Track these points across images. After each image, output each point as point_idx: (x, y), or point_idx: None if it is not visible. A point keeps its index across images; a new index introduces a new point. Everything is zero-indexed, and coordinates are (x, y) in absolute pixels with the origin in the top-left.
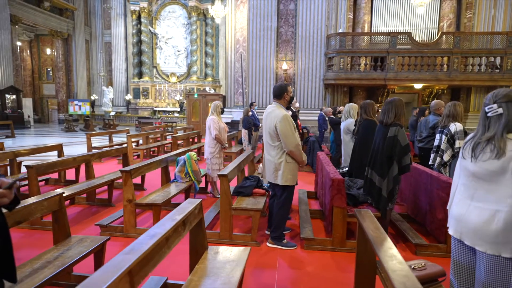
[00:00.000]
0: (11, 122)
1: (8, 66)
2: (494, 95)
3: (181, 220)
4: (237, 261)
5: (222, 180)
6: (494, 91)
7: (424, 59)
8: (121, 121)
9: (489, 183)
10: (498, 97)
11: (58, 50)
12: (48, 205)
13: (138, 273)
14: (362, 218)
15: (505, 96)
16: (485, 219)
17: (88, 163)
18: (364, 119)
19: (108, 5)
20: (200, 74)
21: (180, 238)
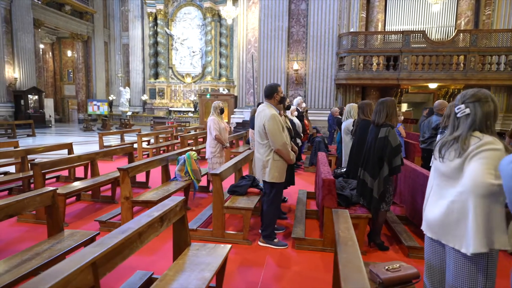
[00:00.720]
0: (32, 121)
1: (31, 68)
2: (462, 95)
3: (158, 216)
4: (215, 257)
5: (215, 179)
6: (463, 91)
7: (439, 58)
8: (137, 121)
9: (454, 180)
10: (466, 97)
11: (78, 52)
12: (41, 200)
13: (104, 265)
14: (336, 217)
15: (473, 96)
16: (444, 211)
17: (93, 161)
18: (362, 120)
19: (126, 8)
20: (215, 74)
21: (157, 234)
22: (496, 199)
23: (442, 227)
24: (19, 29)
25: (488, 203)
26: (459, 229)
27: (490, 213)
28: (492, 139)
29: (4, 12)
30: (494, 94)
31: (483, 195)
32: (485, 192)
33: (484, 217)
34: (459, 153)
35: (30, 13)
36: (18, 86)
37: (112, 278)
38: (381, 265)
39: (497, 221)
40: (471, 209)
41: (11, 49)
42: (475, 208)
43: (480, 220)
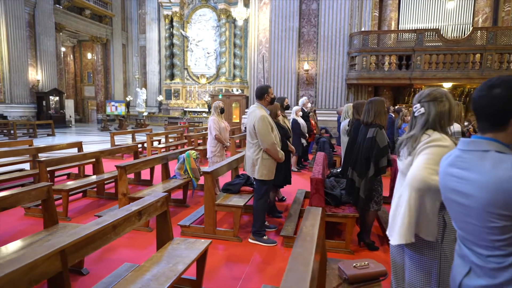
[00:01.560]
0: (51, 121)
1: (52, 70)
2: (419, 94)
3: (136, 211)
4: (192, 251)
5: (206, 177)
6: (421, 90)
7: (454, 56)
8: (152, 121)
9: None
10: (422, 96)
11: (97, 54)
12: (35, 195)
13: (74, 253)
14: (306, 214)
15: (428, 95)
16: (394, 207)
17: (98, 159)
18: (356, 120)
19: (143, 11)
20: (229, 75)
21: (133, 227)
22: (432, 194)
23: (391, 222)
24: (42, 33)
25: (422, 197)
26: (397, 222)
27: (422, 207)
28: (440, 136)
29: (28, 17)
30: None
31: (419, 189)
32: (420, 186)
33: (416, 210)
34: (410, 151)
35: (52, 18)
36: (41, 88)
37: (102, 269)
38: (351, 262)
39: (429, 216)
40: (405, 201)
41: (34, 52)
42: (408, 200)
43: (411, 212)
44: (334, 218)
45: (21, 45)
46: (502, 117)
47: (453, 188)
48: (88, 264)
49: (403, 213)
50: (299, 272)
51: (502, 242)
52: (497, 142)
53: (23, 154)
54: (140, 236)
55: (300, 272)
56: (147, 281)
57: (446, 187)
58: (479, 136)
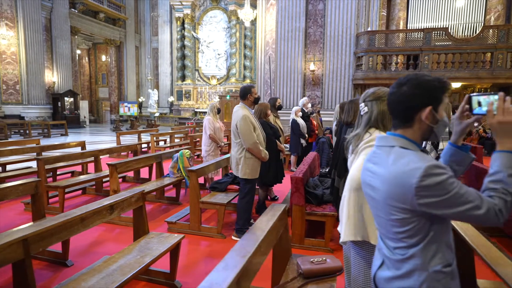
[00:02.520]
0: (64, 122)
1: (67, 72)
2: (364, 94)
3: (108, 205)
4: (163, 245)
5: (191, 175)
6: (367, 90)
7: (463, 56)
8: (163, 122)
9: None
10: (367, 96)
11: (111, 56)
12: (23, 189)
13: (37, 242)
14: (268, 210)
15: (371, 94)
16: (340, 204)
17: (96, 157)
18: (342, 120)
19: (156, 13)
20: (239, 76)
21: (104, 220)
22: None
23: (340, 221)
24: (58, 37)
25: (361, 197)
26: (341, 220)
27: (362, 207)
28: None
29: (45, 21)
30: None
31: (356, 189)
32: (357, 186)
33: (356, 210)
34: (353, 149)
35: (67, 22)
36: (56, 89)
37: (85, 261)
38: (310, 258)
39: (370, 216)
40: (346, 201)
41: (51, 55)
42: (348, 200)
43: (351, 212)
44: (314, 217)
45: (38, 48)
46: (408, 114)
47: (367, 182)
48: (74, 257)
49: (345, 212)
50: (232, 263)
51: (403, 234)
52: (403, 138)
53: (28, 152)
54: (129, 231)
55: (233, 263)
56: (112, 271)
57: (363, 182)
58: (390, 132)
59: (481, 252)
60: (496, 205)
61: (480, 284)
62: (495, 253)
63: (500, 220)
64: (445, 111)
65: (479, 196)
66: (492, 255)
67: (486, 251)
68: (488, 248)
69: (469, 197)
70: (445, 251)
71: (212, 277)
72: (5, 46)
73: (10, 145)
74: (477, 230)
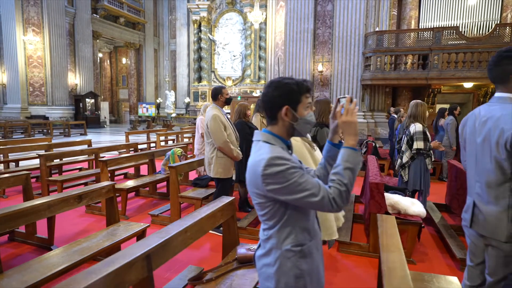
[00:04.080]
0: (84, 122)
1: (89, 74)
2: None
3: (76, 194)
4: (126, 232)
5: (171, 172)
6: None
7: (475, 55)
8: (180, 122)
9: None
10: None
11: (131, 59)
12: (14, 181)
13: (5, 223)
14: (210, 203)
15: None
16: None
17: (96, 154)
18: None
19: (174, 17)
20: (254, 77)
21: (71, 208)
22: None
23: None
24: (80, 41)
25: None
26: None
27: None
28: (292, 139)
29: (68, 27)
30: None
31: None
32: None
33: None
34: None
35: (89, 26)
36: (78, 91)
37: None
38: (250, 245)
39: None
40: None
41: (73, 58)
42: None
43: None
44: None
45: (62, 52)
46: (273, 113)
47: None
48: (61, 243)
49: None
50: (148, 242)
51: (264, 217)
52: (269, 133)
53: (38, 149)
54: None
55: (149, 242)
56: (73, 252)
57: None
58: (264, 129)
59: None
60: (331, 194)
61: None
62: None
63: (334, 207)
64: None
65: (319, 185)
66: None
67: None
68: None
69: (307, 185)
70: (298, 233)
71: (128, 250)
72: (32, 50)
73: (22, 143)
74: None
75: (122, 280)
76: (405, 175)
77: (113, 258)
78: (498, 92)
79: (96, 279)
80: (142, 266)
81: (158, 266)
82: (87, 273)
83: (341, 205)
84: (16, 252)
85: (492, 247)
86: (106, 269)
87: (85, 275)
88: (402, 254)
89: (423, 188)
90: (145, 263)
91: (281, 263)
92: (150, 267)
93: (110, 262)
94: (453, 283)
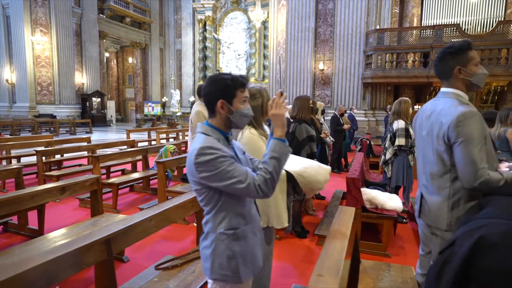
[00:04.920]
0: (89, 120)
1: (95, 74)
2: None
3: (60, 186)
4: (106, 222)
5: (159, 167)
6: None
7: (477, 52)
8: (185, 121)
9: None
10: None
11: (137, 58)
12: (6, 174)
13: None
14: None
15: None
16: None
17: (93, 151)
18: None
19: (179, 16)
20: (258, 76)
21: (55, 199)
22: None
23: None
24: (87, 41)
25: None
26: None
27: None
28: (249, 133)
29: (75, 27)
30: None
31: None
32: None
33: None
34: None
35: (96, 26)
36: (85, 90)
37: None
38: None
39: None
40: None
41: (80, 58)
42: None
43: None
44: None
45: (69, 52)
46: (211, 106)
47: None
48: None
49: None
50: (109, 228)
51: (202, 203)
52: (208, 125)
53: (38, 146)
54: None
55: (110, 228)
56: (52, 238)
57: None
58: (206, 122)
59: None
60: (257, 181)
61: (364, 263)
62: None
63: (259, 193)
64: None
65: (246, 173)
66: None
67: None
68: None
69: (234, 173)
70: (232, 218)
71: (89, 234)
72: (40, 50)
73: (22, 140)
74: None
75: (80, 260)
76: (388, 171)
77: (73, 241)
78: (443, 87)
79: (53, 257)
80: (101, 249)
81: (120, 250)
82: (45, 253)
83: (266, 191)
84: (9, 242)
85: (435, 235)
86: (64, 250)
87: (44, 254)
88: (346, 241)
89: (406, 184)
90: (104, 247)
91: (216, 245)
92: (110, 250)
93: (70, 244)
94: (408, 271)
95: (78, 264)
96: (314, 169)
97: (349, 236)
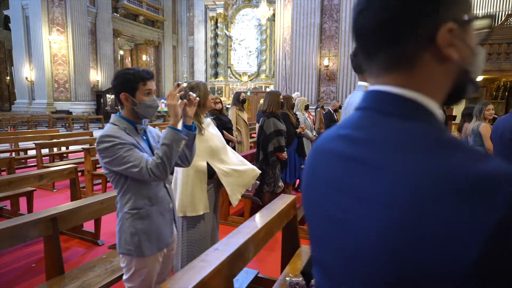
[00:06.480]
0: (101, 116)
1: (110, 71)
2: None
3: (37, 174)
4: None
5: None
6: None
7: (485, 47)
8: None
9: None
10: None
11: (150, 56)
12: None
13: None
14: None
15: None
16: None
17: (91, 144)
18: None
19: (192, 14)
20: (269, 72)
21: (32, 185)
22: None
23: None
24: (102, 39)
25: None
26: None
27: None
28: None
29: (90, 26)
30: None
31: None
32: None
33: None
34: None
35: (110, 25)
36: (100, 87)
37: None
38: None
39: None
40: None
41: (95, 56)
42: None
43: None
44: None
45: (84, 50)
46: (118, 98)
47: None
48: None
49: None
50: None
51: (112, 185)
52: (118, 116)
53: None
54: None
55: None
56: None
57: None
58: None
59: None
60: (149, 165)
61: (304, 248)
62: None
63: (151, 176)
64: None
65: (141, 159)
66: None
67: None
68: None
69: (130, 158)
70: (138, 199)
71: (38, 212)
72: (57, 49)
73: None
74: None
75: (23, 234)
76: None
77: (21, 218)
78: (359, 81)
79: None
80: (47, 226)
81: (67, 228)
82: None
83: (158, 175)
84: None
85: None
86: (8, 224)
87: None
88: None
89: None
90: (51, 224)
91: (122, 223)
92: (56, 227)
93: (16, 220)
94: None
95: (21, 236)
96: (240, 173)
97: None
